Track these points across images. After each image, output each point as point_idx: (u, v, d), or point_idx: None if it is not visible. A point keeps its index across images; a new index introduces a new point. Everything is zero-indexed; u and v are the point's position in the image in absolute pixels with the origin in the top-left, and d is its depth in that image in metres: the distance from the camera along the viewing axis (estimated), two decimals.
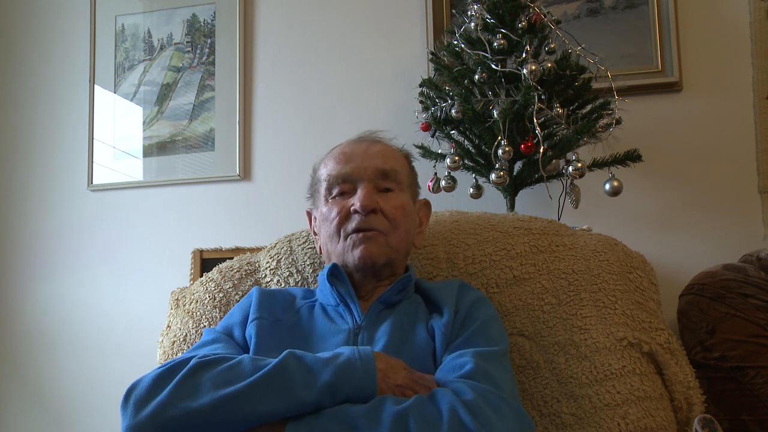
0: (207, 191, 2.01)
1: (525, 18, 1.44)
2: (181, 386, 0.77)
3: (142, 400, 0.77)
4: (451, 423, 0.73)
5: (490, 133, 1.41)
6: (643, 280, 1.13)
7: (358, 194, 0.99)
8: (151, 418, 0.75)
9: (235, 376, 0.78)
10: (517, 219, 1.23)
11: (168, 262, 1.99)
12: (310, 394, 0.76)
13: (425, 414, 0.75)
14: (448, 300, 0.98)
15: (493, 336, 0.93)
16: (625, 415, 0.97)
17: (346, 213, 0.99)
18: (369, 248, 0.97)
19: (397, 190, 1.04)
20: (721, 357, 1.22)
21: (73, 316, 2.05)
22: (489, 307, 1.00)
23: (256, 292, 1.04)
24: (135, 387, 0.79)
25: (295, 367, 0.78)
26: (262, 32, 2.03)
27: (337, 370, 0.78)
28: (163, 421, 0.75)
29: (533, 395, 1.04)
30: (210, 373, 0.79)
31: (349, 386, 0.78)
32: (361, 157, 1.03)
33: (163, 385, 0.78)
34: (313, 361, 0.80)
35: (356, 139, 1.09)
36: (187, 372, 0.79)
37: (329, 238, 1.02)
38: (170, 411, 0.75)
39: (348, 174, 1.01)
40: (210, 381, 0.77)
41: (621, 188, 1.38)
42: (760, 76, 1.66)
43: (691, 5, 1.73)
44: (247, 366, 0.80)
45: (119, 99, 2.10)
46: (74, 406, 2.01)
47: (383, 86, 1.92)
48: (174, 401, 0.76)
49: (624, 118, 1.44)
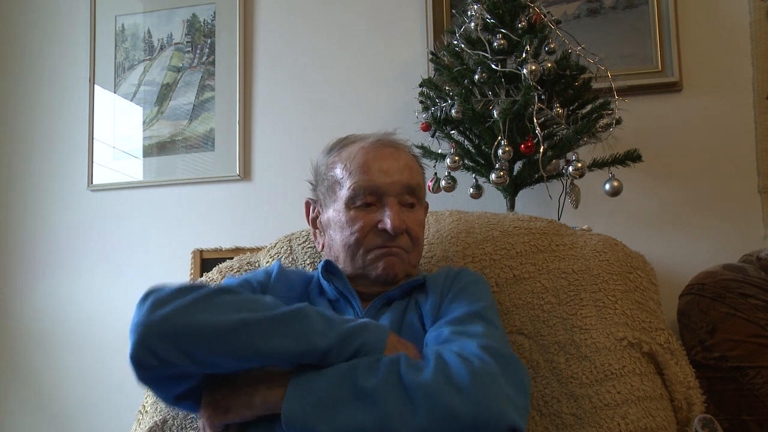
0: (207, 191, 2.01)
1: (525, 18, 1.44)
2: (202, 300, 0.78)
3: (160, 302, 0.77)
4: (437, 364, 0.75)
5: (490, 133, 1.41)
6: (643, 280, 1.13)
7: (388, 213, 0.98)
8: (164, 320, 0.75)
9: (257, 306, 0.79)
10: (517, 219, 1.23)
11: (168, 262, 1.99)
12: (322, 340, 0.77)
13: (413, 362, 0.77)
14: (435, 285, 0.99)
15: (473, 294, 0.94)
16: (625, 415, 0.97)
17: (371, 228, 0.99)
18: (394, 263, 0.98)
19: (418, 206, 1.05)
20: (721, 357, 1.21)
21: (73, 316, 2.05)
22: (470, 274, 1.02)
23: (277, 265, 1.05)
24: (156, 290, 0.80)
25: (314, 315, 0.80)
26: (262, 32, 2.03)
27: (352, 327, 0.80)
28: (176, 326, 0.75)
29: (533, 395, 1.04)
30: (233, 297, 0.80)
31: (360, 342, 0.79)
32: (390, 169, 1.00)
33: (185, 294, 0.78)
34: (333, 316, 0.82)
35: (376, 143, 1.04)
36: (211, 291, 0.80)
37: (345, 248, 1.00)
38: (186, 318, 0.75)
39: (377, 186, 0.99)
40: (230, 304, 0.78)
41: (621, 188, 1.38)
42: (760, 76, 1.66)
43: (691, 5, 1.73)
44: (269, 302, 0.81)
45: (119, 99, 2.10)
46: (74, 406, 2.01)
47: (383, 86, 1.92)
48: (192, 310, 0.76)
49: (624, 118, 1.44)
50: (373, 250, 0.99)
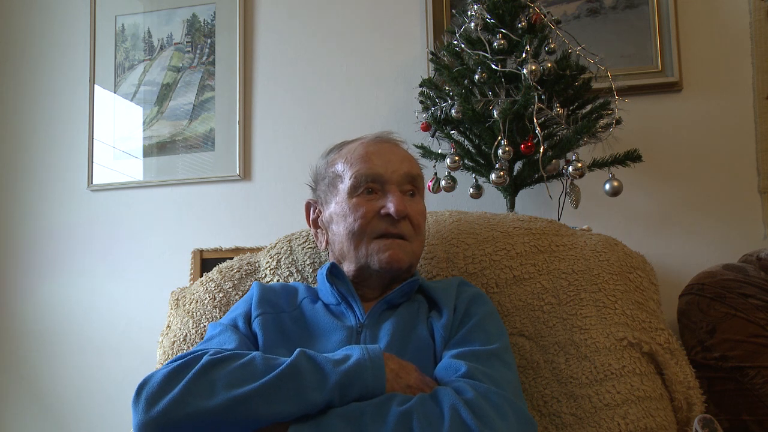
0: (207, 191, 2.01)
1: (525, 18, 1.44)
2: (194, 384, 0.77)
3: (154, 397, 0.76)
4: (453, 422, 0.74)
5: (490, 133, 1.41)
6: (643, 280, 1.13)
7: (391, 198, 0.99)
8: (163, 415, 0.75)
9: (249, 375, 0.78)
10: (517, 219, 1.23)
11: (168, 262, 1.99)
12: (320, 396, 0.76)
13: (428, 414, 0.75)
14: (447, 299, 0.98)
15: (491, 332, 0.93)
16: (625, 415, 0.97)
17: (374, 214, 0.99)
18: (397, 253, 0.98)
19: (418, 196, 1.06)
20: (721, 357, 1.21)
21: (73, 316, 2.05)
22: (486, 303, 1.01)
23: (256, 286, 1.05)
24: (147, 383, 0.78)
25: (307, 368, 0.79)
26: (262, 32, 2.03)
27: (347, 372, 0.79)
28: (176, 419, 0.74)
29: (533, 395, 1.04)
30: (223, 371, 0.79)
31: (359, 388, 0.78)
32: (390, 160, 1.02)
33: (176, 382, 0.77)
34: (324, 362, 0.80)
35: (376, 139, 1.07)
36: (200, 369, 0.79)
37: (349, 236, 1.00)
38: (183, 409, 0.75)
39: (379, 174, 1.00)
40: (223, 380, 0.77)
41: (621, 188, 1.38)
42: (760, 76, 1.66)
43: (691, 5, 1.73)
44: (259, 365, 0.80)
45: (119, 99, 2.10)
46: (74, 406, 2.01)
47: (383, 86, 1.92)
48: (187, 399, 0.76)
49: (624, 118, 1.44)
50: (377, 239, 0.99)
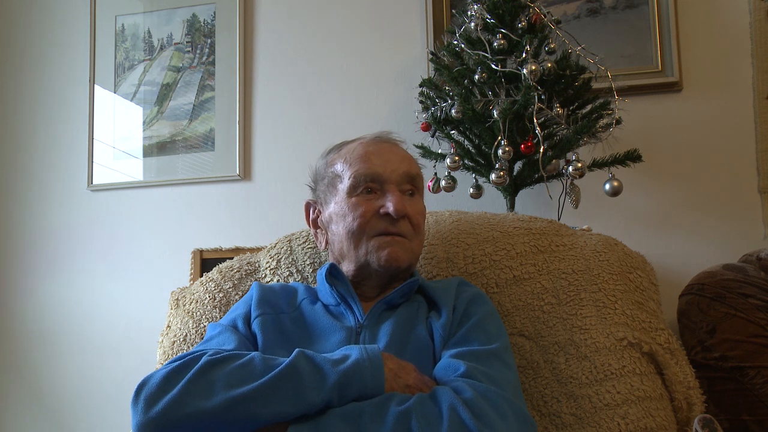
0: (207, 191, 2.01)
1: (525, 18, 1.44)
2: (193, 384, 0.77)
3: (153, 397, 0.76)
4: (452, 421, 0.74)
5: (490, 133, 1.41)
6: (643, 280, 1.13)
7: (390, 197, 0.99)
8: (162, 415, 0.75)
9: (247, 375, 0.78)
10: (517, 219, 1.23)
11: (168, 262, 1.99)
12: (318, 396, 0.76)
13: (427, 413, 0.75)
14: (446, 299, 0.98)
15: (491, 332, 0.93)
16: (625, 415, 0.97)
17: (373, 213, 0.99)
18: (397, 251, 0.98)
19: (418, 195, 1.06)
20: (721, 357, 1.21)
21: (73, 316, 2.05)
22: (486, 303, 1.01)
23: (256, 287, 1.05)
24: (146, 383, 0.79)
25: (305, 368, 0.79)
26: (262, 32, 2.03)
27: (346, 372, 0.79)
28: (174, 419, 0.74)
29: (533, 395, 1.04)
30: (222, 371, 0.79)
31: (358, 388, 0.78)
32: (389, 159, 1.02)
33: (175, 382, 0.78)
34: (323, 362, 0.80)
35: (375, 139, 1.07)
36: (199, 369, 0.79)
37: (348, 235, 1.00)
38: (182, 409, 0.75)
39: (378, 174, 1.00)
40: (222, 380, 0.77)
41: (621, 188, 1.38)
42: (760, 76, 1.66)
43: (691, 5, 1.72)
44: (258, 365, 0.80)
45: (119, 99, 2.10)
46: (74, 406, 2.01)
47: (383, 86, 1.92)
48: (186, 399, 0.76)
49: (624, 118, 1.44)
50: (376, 237, 0.98)
